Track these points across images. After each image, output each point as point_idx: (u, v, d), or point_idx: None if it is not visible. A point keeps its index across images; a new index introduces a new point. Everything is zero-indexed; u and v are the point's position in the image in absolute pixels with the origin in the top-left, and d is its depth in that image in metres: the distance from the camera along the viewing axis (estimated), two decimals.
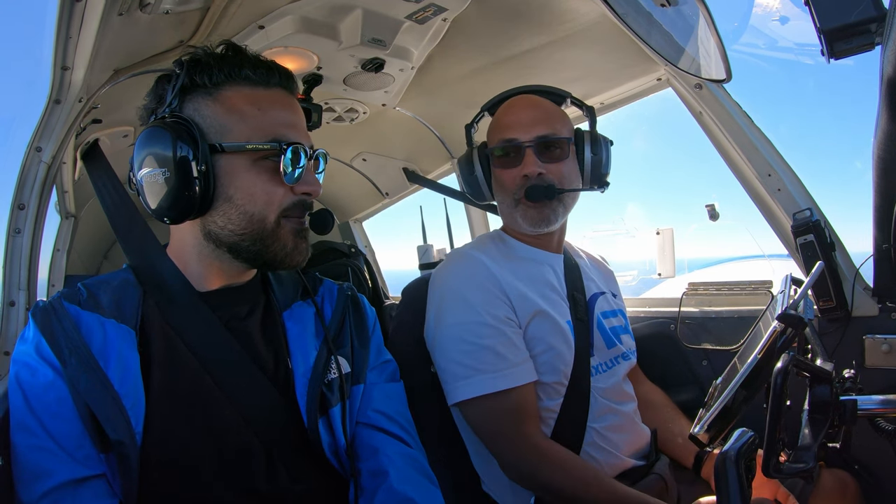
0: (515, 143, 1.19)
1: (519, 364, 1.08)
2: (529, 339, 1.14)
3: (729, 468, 0.65)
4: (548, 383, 1.14)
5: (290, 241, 0.86)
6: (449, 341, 1.12)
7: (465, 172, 1.30)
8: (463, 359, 1.09)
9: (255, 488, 0.82)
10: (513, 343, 1.09)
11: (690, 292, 1.68)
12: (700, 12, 1.16)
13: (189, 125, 0.80)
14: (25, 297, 1.09)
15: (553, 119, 1.20)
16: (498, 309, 1.11)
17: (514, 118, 1.21)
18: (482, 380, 1.07)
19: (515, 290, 1.14)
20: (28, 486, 0.73)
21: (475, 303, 1.11)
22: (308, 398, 0.87)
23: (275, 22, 1.28)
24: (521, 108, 1.23)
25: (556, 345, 1.14)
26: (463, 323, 1.11)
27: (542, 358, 1.13)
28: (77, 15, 0.95)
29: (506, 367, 1.07)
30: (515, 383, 1.07)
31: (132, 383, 0.77)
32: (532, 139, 1.18)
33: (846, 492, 1.15)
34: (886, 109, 0.81)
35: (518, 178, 1.19)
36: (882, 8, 0.72)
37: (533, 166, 1.17)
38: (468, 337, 1.10)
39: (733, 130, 1.40)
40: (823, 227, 1.31)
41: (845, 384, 0.83)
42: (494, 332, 1.09)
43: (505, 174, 1.22)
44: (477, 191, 1.30)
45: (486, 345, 1.08)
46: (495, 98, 1.29)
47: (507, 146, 1.20)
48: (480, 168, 1.27)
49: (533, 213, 1.19)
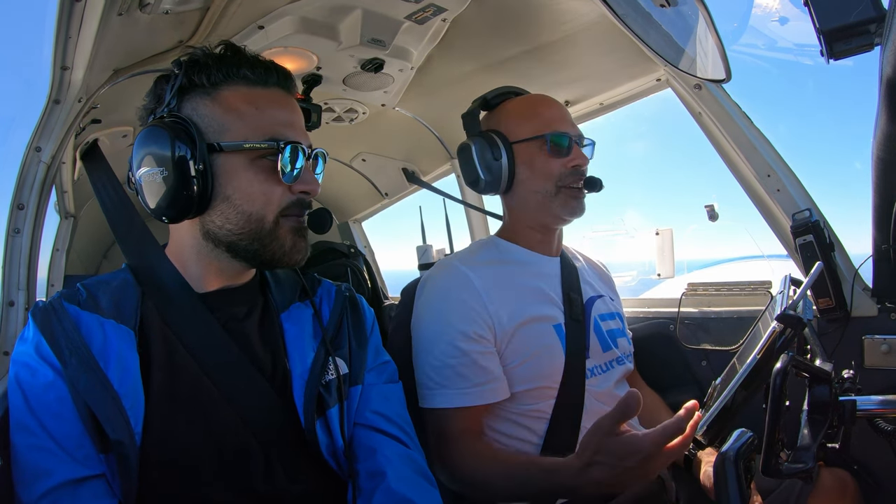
0: (566, 133, 1.24)
1: (479, 385, 1.11)
2: (514, 348, 1.15)
3: (728, 468, 0.65)
4: (537, 388, 1.15)
5: (288, 239, 0.86)
6: (421, 352, 1.17)
7: (488, 157, 1.24)
8: (429, 371, 1.14)
9: (253, 489, 0.82)
10: (475, 364, 1.12)
11: (690, 293, 1.68)
12: (700, 13, 1.16)
13: (187, 125, 0.80)
14: (25, 297, 1.09)
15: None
16: (470, 326, 1.13)
17: (558, 113, 1.27)
18: (440, 394, 1.12)
19: (499, 304, 1.15)
20: (28, 486, 0.73)
21: (450, 319, 1.15)
22: (305, 399, 0.86)
23: (274, 22, 1.28)
24: (557, 106, 1.29)
25: (545, 351, 1.15)
26: (433, 339, 1.16)
27: (529, 364, 1.14)
28: (77, 15, 0.95)
29: (466, 386, 1.11)
30: (471, 403, 1.11)
31: (131, 384, 0.77)
32: (577, 135, 1.26)
33: (846, 492, 1.15)
34: (886, 110, 0.81)
35: (567, 168, 1.23)
36: (881, 8, 0.72)
37: (583, 158, 1.25)
38: (436, 353, 1.14)
39: (733, 131, 1.40)
40: (823, 227, 1.31)
41: (844, 384, 0.84)
42: (459, 353, 1.12)
43: (553, 163, 1.24)
44: (496, 178, 1.25)
45: (450, 364, 1.12)
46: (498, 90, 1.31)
47: (561, 135, 1.24)
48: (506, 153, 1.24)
49: (574, 203, 1.24)
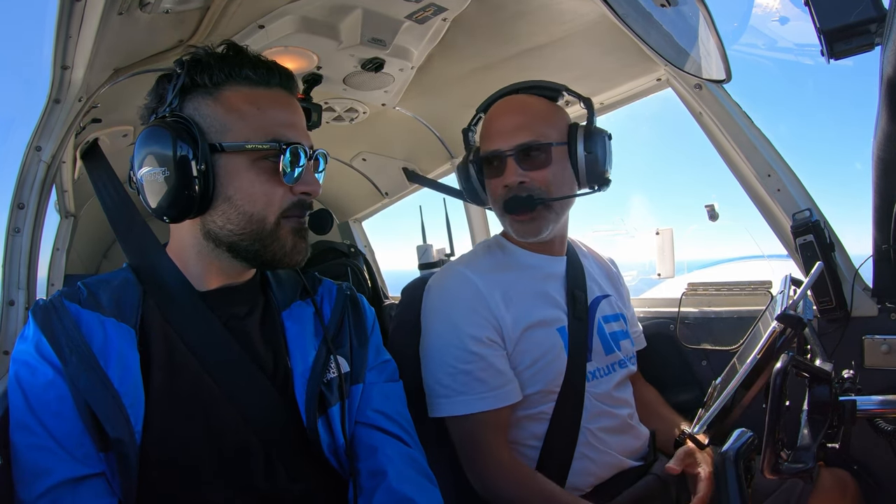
0: (497, 153, 1.16)
1: (497, 388, 1.10)
2: (520, 352, 1.14)
3: (728, 468, 0.65)
4: (541, 391, 1.15)
5: (289, 240, 0.86)
6: (432, 360, 1.15)
7: (463, 178, 1.30)
8: (443, 378, 1.12)
9: (254, 487, 0.82)
10: (492, 367, 1.11)
11: (690, 292, 1.68)
12: (700, 12, 1.16)
13: (189, 124, 0.80)
14: (25, 297, 1.09)
15: (538, 123, 1.16)
16: (481, 331, 1.12)
17: (498, 125, 1.18)
18: (460, 401, 1.10)
19: (505, 308, 1.15)
20: (27, 485, 0.73)
21: (459, 324, 1.13)
22: (307, 398, 0.86)
23: (275, 21, 1.28)
24: (505, 114, 1.19)
25: (549, 355, 1.15)
26: (445, 345, 1.14)
27: (533, 368, 1.14)
28: (77, 14, 0.95)
29: (484, 390, 1.10)
30: (491, 406, 1.10)
31: (132, 382, 0.77)
32: (512, 148, 1.14)
33: (845, 492, 1.15)
34: (886, 110, 0.81)
35: (501, 188, 1.17)
36: (882, 8, 0.72)
37: (513, 176, 1.14)
38: (449, 359, 1.12)
39: (733, 131, 1.40)
40: (823, 227, 1.31)
41: (844, 384, 0.84)
42: (474, 357, 1.11)
43: (491, 184, 1.21)
44: (475, 196, 1.30)
45: (465, 369, 1.11)
46: (488, 99, 1.26)
47: (491, 156, 1.18)
48: (475, 174, 1.27)
49: (518, 225, 1.18)
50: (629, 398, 1.27)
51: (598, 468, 1.14)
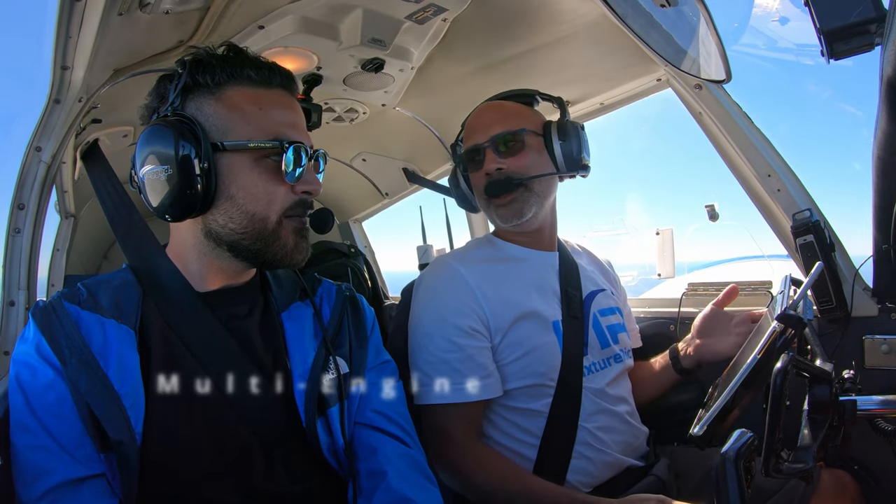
0: (475, 146, 1.25)
1: (474, 381, 1.12)
2: (509, 344, 1.15)
3: (728, 469, 0.65)
4: (532, 385, 1.15)
5: (290, 240, 0.86)
6: (417, 349, 1.18)
7: (454, 186, 1.40)
8: (424, 367, 1.15)
9: (254, 488, 0.82)
10: (471, 359, 1.12)
11: (690, 293, 1.68)
12: (700, 13, 1.16)
13: (191, 123, 0.80)
14: (25, 297, 1.09)
15: (511, 118, 1.25)
16: (465, 320, 1.14)
17: (475, 124, 1.28)
18: (440, 391, 1.12)
19: (493, 299, 1.16)
20: (28, 486, 0.73)
21: (444, 315, 1.16)
22: (306, 398, 0.87)
23: (275, 22, 1.28)
24: (482, 114, 1.29)
25: (541, 347, 1.15)
26: (429, 334, 1.16)
27: (524, 360, 1.15)
28: (77, 14, 0.95)
29: (461, 382, 1.11)
30: (464, 399, 1.11)
31: (132, 383, 0.77)
32: (488, 139, 1.23)
33: (846, 492, 1.15)
34: (886, 110, 0.81)
35: (482, 179, 1.24)
36: (882, 8, 0.72)
37: (491, 163, 1.22)
38: (431, 348, 1.15)
39: (733, 131, 1.40)
40: (823, 227, 1.31)
41: (845, 384, 0.83)
42: (454, 347, 1.13)
43: (473, 178, 1.30)
44: (466, 202, 1.40)
45: (444, 358, 1.13)
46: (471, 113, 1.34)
47: (471, 151, 1.26)
48: (463, 180, 1.36)
49: (502, 209, 1.23)
50: (627, 395, 1.27)
51: (596, 468, 1.14)
